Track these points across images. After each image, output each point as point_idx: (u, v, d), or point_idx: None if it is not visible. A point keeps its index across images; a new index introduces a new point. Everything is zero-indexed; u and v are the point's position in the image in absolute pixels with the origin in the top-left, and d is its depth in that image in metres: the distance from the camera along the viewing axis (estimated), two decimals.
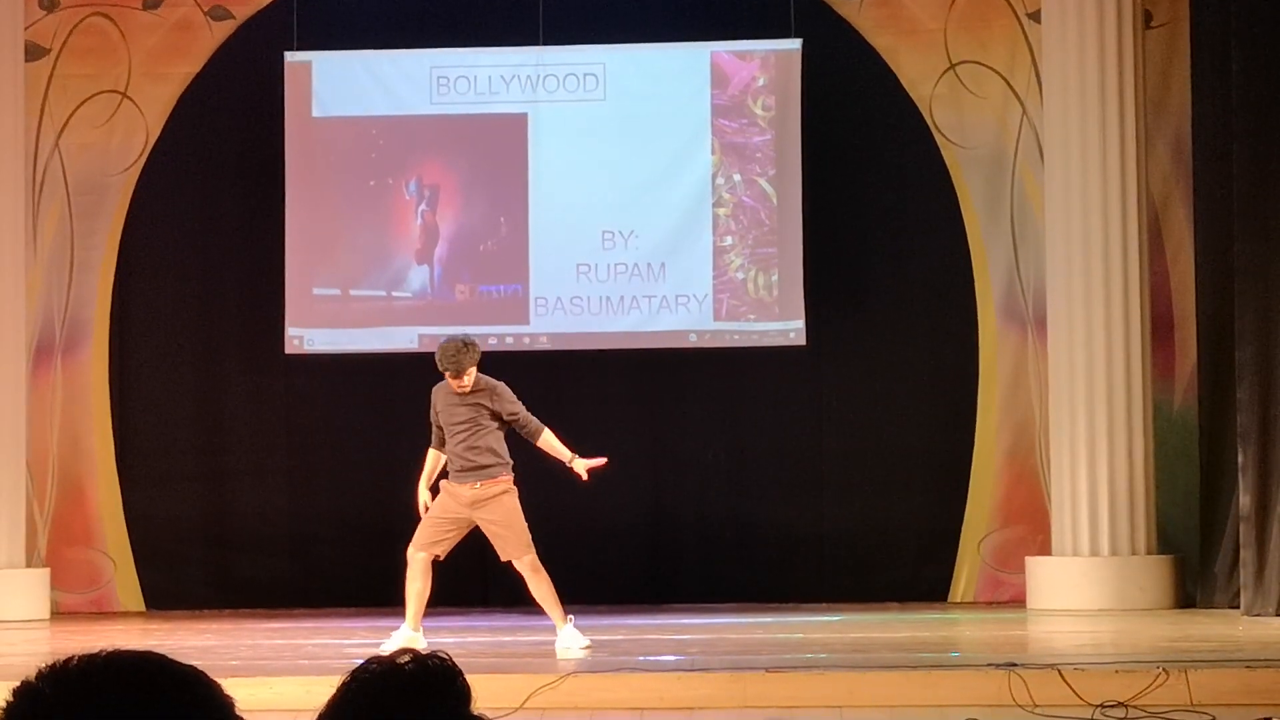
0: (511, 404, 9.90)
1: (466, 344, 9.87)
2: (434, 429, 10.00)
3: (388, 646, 9.63)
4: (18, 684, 2.12)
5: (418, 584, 9.83)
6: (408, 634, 9.79)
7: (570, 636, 9.77)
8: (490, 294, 13.62)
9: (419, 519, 9.95)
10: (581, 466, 9.92)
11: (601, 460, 9.95)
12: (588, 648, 9.68)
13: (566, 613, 9.84)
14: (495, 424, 9.87)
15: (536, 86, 13.64)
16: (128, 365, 13.89)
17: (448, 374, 9.83)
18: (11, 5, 13.05)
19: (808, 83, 13.53)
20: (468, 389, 9.83)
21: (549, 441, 9.93)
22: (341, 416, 13.91)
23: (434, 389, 10.03)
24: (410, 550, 9.90)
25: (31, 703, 2.09)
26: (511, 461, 9.91)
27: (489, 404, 9.87)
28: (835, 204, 13.67)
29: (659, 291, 13.50)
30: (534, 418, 9.94)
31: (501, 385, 9.97)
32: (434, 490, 10.02)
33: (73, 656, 2.12)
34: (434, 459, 10.02)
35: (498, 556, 10.04)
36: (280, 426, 13.95)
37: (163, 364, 13.91)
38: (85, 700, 2.08)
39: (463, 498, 9.84)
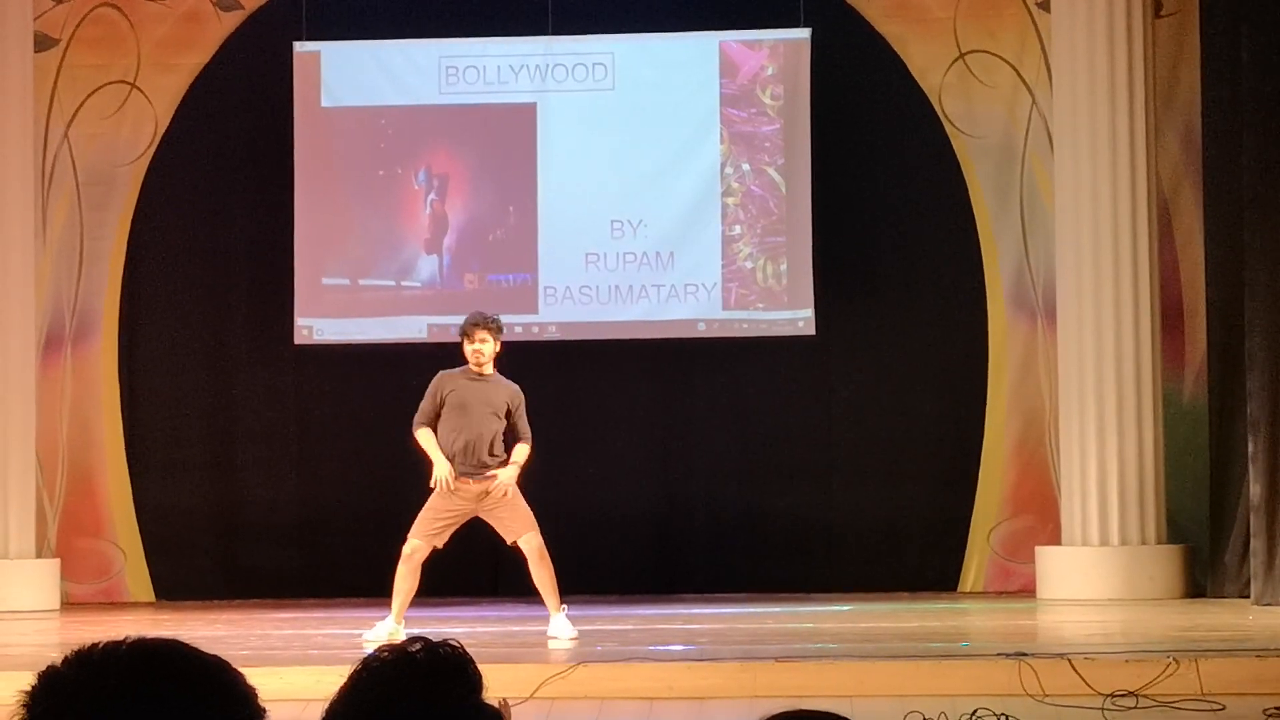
0: (523, 415, 10.00)
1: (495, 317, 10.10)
2: (428, 414, 9.98)
3: (370, 636, 9.71)
4: (43, 669, 2.12)
5: (407, 583, 9.90)
6: (390, 626, 9.84)
7: (562, 625, 9.81)
8: (499, 283, 13.62)
9: (427, 495, 9.96)
10: (508, 474, 9.87)
11: (502, 485, 9.86)
12: (575, 639, 9.70)
13: (562, 601, 9.88)
14: (503, 424, 9.95)
15: (545, 76, 13.63)
16: (137, 356, 13.89)
17: (472, 334, 9.88)
18: None
19: (817, 72, 13.52)
20: (484, 356, 9.85)
21: (523, 451, 9.95)
22: (351, 406, 13.91)
23: (441, 375, 10.05)
24: (410, 539, 9.91)
25: (55, 688, 2.10)
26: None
27: (508, 402, 9.92)
28: (844, 193, 13.66)
29: (668, 280, 13.49)
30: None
31: (518, 392, 10.02)
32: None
33: (97, 643, 2.13)
34: (433, 435, 10.00)
35: (504, 543, 10.06)
36: (290, 416, 13.96)
37: (172, 354, 13.91)
38: (108, 686, 2.09)
39: (469, 493, 9.91)
